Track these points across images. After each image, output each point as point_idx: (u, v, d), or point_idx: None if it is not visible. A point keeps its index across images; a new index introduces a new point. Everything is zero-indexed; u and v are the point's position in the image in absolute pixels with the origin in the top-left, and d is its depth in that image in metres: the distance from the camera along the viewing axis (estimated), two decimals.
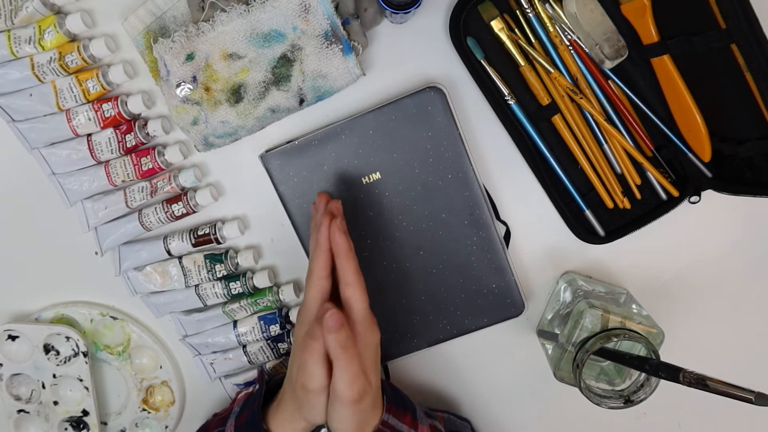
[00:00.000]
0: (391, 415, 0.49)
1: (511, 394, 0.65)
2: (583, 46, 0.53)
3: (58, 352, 0.63)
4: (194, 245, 0.58)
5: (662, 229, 0.58)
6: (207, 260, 0.58)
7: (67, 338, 0.61)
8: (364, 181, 0.56)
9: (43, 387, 0.64)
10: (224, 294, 0.59)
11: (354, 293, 0.46)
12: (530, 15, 0.53)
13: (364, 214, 0.57)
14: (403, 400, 0.52)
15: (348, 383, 0.43)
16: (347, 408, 0.44)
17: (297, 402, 0.47)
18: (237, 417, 0.51)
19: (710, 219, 0.60)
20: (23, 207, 0.60)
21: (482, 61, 0.54)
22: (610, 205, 0.58)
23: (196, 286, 0.59)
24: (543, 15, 0.53)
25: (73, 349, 0.62)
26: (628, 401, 0.52)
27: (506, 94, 0.55)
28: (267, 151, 0.56)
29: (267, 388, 0.53)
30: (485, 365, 0.64)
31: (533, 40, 0.54)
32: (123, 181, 0.56)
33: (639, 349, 0.52)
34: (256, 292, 0.60)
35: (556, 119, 0.56)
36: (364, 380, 0.44)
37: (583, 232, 0.58)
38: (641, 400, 0.51)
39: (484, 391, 0.65)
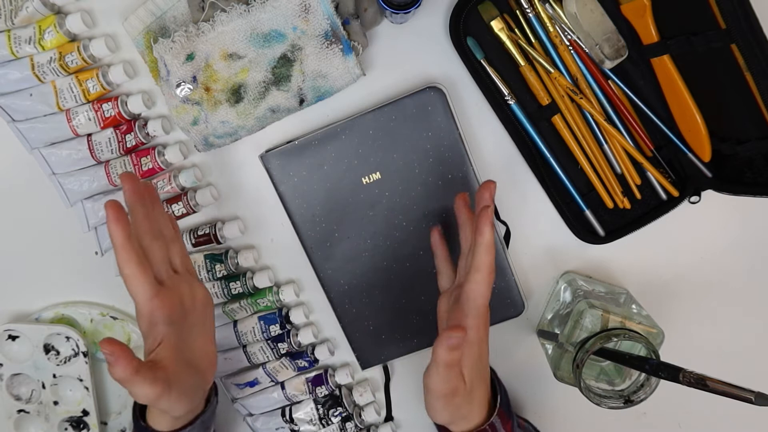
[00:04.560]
0: (500, 419, 0.48)
1: (511, 394, 0.65)
2: (583, 46, 0.53)
3: (58, 352, 0.63)
4: (194, 245, 0.58)
5: (662, 229, 0.58)
6: (207, 260, 0.58)
7: (67, 338, 0.61)
8: (364, 181, 0.56)
9: (43, 387, 0.63)
10: (224, 294, 0.59)
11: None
12: (530, 15, 0.53)
13: (364, 214, 0.57)
14: (509, 406, 0.52)
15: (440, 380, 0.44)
16: (438, 401, 0.45)
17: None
18: None
19: (710, 219, 0.60)
20: (23, 207, 0.60)
21: (482, 61, 0.54)
22: (610, 205, 0.58)
23: None
24: (543, 15, 0.53)
25: (73, 349, 0.62)
26: (628, 401, 0.52)
27: (506, 94, 0.55)
28: (267, 151, 0.56)
29: None
30: None
31: (533, 40, 0.54)
32: None
33: (639, 349, 0.52)
34: (256, 292, 0.60)
35: (556, 119, 0.56)
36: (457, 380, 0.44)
37: (583, 232, 0.58)
38: (641, 400, 0.51)
39: None
